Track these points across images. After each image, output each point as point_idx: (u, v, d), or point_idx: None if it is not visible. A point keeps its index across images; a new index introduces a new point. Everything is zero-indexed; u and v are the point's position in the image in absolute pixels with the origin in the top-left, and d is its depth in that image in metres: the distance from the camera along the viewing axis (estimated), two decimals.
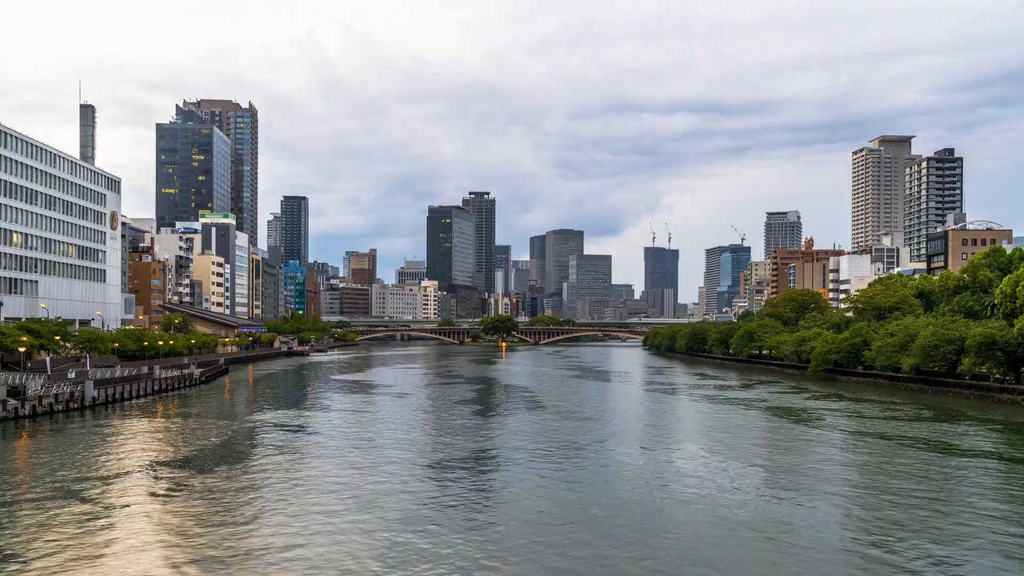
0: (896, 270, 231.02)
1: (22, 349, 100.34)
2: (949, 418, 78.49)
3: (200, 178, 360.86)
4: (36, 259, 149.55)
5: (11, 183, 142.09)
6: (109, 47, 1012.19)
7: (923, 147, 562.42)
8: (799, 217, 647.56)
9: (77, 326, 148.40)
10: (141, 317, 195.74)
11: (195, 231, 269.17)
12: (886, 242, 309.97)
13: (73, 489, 44.63)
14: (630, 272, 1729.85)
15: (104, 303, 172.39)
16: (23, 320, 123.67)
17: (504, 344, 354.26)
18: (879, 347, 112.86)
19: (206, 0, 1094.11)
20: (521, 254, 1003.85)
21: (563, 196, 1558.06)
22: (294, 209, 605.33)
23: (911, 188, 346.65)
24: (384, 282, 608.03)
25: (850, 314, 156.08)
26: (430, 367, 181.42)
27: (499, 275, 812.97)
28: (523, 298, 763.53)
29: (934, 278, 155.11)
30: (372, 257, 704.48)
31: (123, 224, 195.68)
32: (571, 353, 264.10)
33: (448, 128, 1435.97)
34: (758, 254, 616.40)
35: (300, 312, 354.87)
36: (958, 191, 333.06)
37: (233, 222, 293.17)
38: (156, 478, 48.45)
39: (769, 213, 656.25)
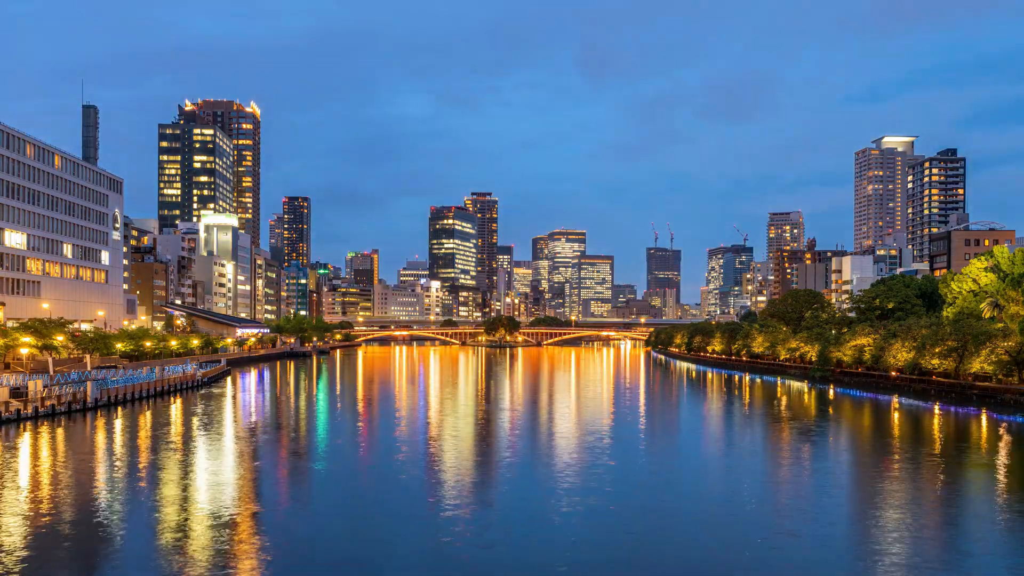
0: (899, 270, 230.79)
1: (24, 350, 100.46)
2: (952, 419, 78.32)
3: (202, 179, 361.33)
4: (38, 260, 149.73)
5: (13, 183, 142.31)
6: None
7: (926, 147, 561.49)
8: (801, 217, 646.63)
9: (80, 327, 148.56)
10: (143, 318, 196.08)
11: (197, 232, 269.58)
12: (888, 243, 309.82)
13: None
14: (632, 272, 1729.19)
15: (106, 304, 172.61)
16: (25, 321, 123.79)
17: (510, 337, 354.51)
18: (882, 347, 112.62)
19: None
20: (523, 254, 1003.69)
21: None
22: (297, 209, 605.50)
23: (914, 188, 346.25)
24: (386, 282, 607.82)
25: (852, 314, 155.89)
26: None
27: (501, 275, 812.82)
28: (525, 298, 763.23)
29: (937, 278, 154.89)
30: (374, 257, 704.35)
31: (125, 225, 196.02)
32: (573, 355, 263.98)
33: None
34: (760, 254, 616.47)
35: (302, 312, 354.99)
36: (961, 192, 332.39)
37: (235, 223, 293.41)
38: (148, 479, 48.49)
39: (772, 213, 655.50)
